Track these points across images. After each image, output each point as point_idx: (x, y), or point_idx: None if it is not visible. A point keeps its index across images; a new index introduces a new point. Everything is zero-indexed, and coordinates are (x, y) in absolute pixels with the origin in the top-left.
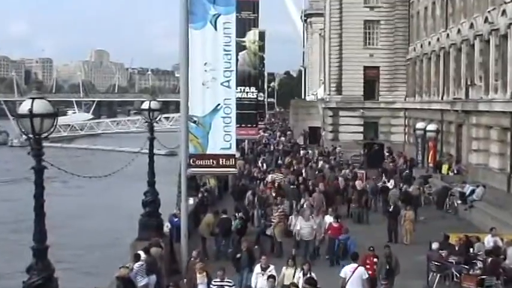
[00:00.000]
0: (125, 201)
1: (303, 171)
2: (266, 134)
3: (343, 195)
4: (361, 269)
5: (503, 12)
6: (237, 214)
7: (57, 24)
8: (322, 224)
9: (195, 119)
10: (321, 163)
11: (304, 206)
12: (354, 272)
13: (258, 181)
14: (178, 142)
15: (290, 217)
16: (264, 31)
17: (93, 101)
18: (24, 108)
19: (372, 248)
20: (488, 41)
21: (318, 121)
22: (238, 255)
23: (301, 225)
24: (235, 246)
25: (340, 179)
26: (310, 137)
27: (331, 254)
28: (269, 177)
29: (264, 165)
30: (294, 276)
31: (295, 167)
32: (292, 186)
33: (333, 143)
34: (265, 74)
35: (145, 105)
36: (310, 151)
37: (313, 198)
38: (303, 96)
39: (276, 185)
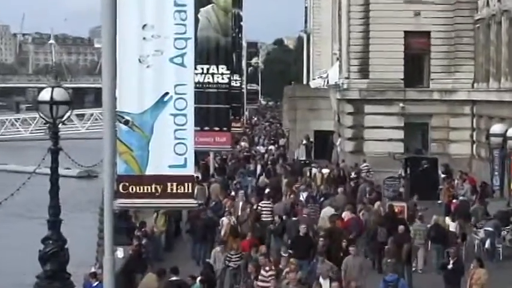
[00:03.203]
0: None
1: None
2: (244, 144)
3: (370, 241)
4: None
5: None
6: (196, 274)
7: None
8: None
9: (128, 118)
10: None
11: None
12: None
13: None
14: (100, 156)
15: None
16: None
17: None
18: None
19: None
20: None
21: (329, 121)
22: None
23: None
24: None
25: (364, 213)
26: (316, 147)
27: None
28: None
29: (240, 195)
30: None
31: (297, 204)
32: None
33: (354, 157)
34: (244, 45)
35: (44, 95)
36: (317, 170)
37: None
38: (304, 81)
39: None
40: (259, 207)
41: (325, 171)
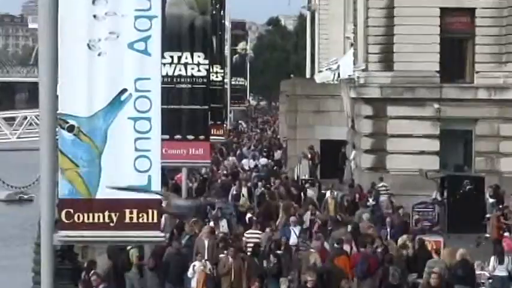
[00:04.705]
0: None
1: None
2: (232, 158)
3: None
4: None
5: None
6: None
7: None
8: None
9: (73, 123)
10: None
11: None
12: None
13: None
14: (35, 173)
15: None
16: None
17: None
18: None
19: None
20: None
21: (340, 128)
22: None
23: None
24: None
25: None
26: (323, 162)
27: None
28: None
29: (222, 225)
30: None
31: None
32: None
33: (373, 175)
34: (228, 25)
35: None
36: (329, 195)
37: None
38: (307, 74)
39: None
40: (243, 239)
41: (334, 194)
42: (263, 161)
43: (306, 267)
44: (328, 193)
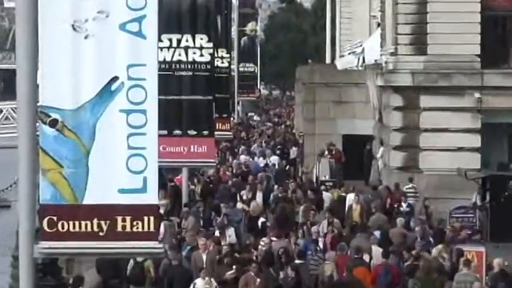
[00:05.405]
0: None
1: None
2: (246, 157)
3: None
4: None
5: None
6: None
7: None
8: None
9: (56, 116)
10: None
11: None
12: None
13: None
14: (13, 175)
15: None
16: None
17: None
18: None
19: None
20: None
21: (365, 121)
22: None
23: None
24: None
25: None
26: (346, 160)
27: None
28: None
29: (229, 234)
30: None
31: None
32: None
33: (404, 175)
34: (234, 3)
35: None
36: (353, 199)
37: None
38: (327, 59)
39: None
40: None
41: (358, 199)
42: (274, 159)
43: (321, 281)
44: (350, 197)
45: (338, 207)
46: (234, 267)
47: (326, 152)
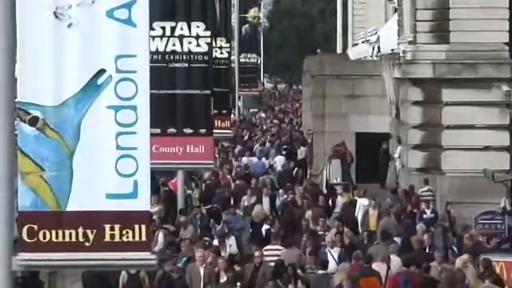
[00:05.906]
0: None
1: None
2: (250, 158)
3: None
4: None
5: None
6: None
7: None
8: None
9: (36, 113)
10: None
11: None
12: None
13: None
14: None
15: None
16: None
17: None
18: None
19: None
20: None
21: (381, 117)
22: None
23: None
24: None
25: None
26: (360, 161)
27: None
28: None
29: (230, 243)
30: None
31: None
32: None
33: (423, 177)
34: None
35: None
36: (369, 205)
37: None
38: (338, 48)
39: None
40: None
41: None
42: (279, 159)
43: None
44: (361, 202)
45: (348, 213)
46: (238, 284)
47: (331, 153)
